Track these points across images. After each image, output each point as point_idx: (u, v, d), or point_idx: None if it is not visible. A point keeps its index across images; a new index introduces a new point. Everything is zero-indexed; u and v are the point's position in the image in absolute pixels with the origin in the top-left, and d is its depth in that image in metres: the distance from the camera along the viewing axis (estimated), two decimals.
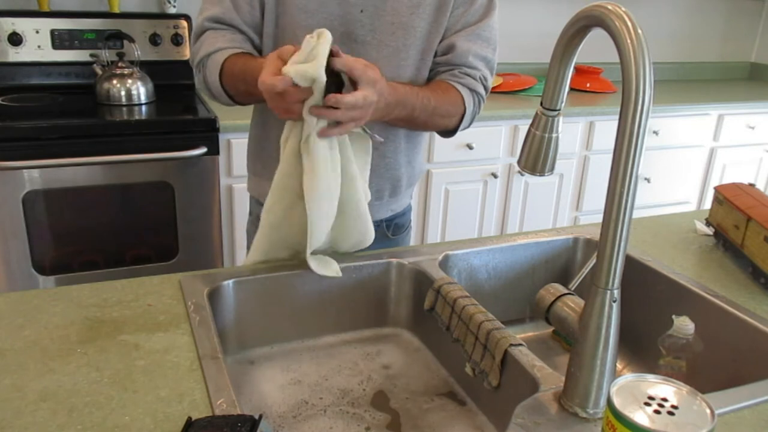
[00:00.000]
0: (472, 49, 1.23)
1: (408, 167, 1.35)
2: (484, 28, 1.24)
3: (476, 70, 1.25)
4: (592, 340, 0.75)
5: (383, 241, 1.39)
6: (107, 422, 0.72)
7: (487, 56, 1.26)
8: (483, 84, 1.27)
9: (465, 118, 1.26)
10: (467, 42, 1.23)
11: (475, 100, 1.26)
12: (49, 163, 1.91)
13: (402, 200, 1.40)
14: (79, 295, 0.98)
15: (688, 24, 3.50)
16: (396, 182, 1.34)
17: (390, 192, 1.34)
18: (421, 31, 1.20)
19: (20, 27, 2.25)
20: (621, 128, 0.68)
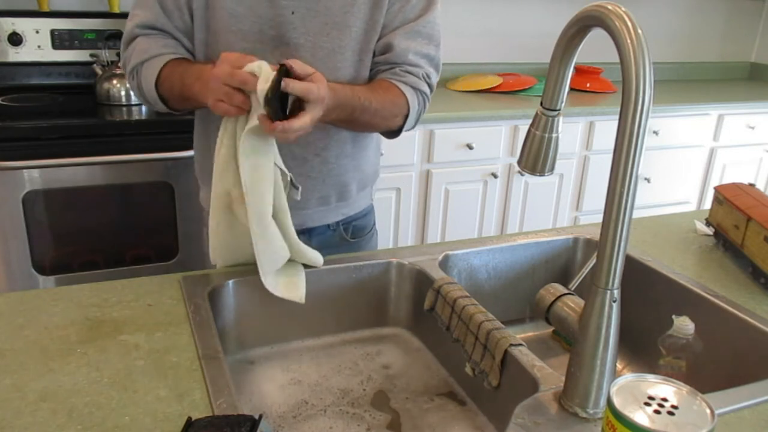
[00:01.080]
0: (412, 47, 1.19)
1: (356, 171, 1.31)
2: (423, 25, 1.20)
3: (418, 68, 1.21)
4: (592, 340, 0.75)
5: (343, 244, 1.36)
6: (107, 422, 0.72)
7: (430, 53, 1.22)
8: (427, 82, 1.23)
9: (410, 118, 1.22)
10: (406, 40, 1.19)
11: (419, 99, 1.22)
12: (49, 163, 1.91)
13: (356, 203, 1.36)
14: (79, 295, 0.98)
15: (688, 24, 3.50)
16: (343, 187, 1.30)
17: (337, 197, 1.30)
18: (356, 31, 1.17)
19: (20, 27, 2.25)
20: (621, 128, 0.68)
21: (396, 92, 1.19)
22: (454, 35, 2.99)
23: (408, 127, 1.25)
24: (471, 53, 3.05)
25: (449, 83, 2.96)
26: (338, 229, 1.35)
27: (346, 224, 1.36)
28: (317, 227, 1.32)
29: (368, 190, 1.40)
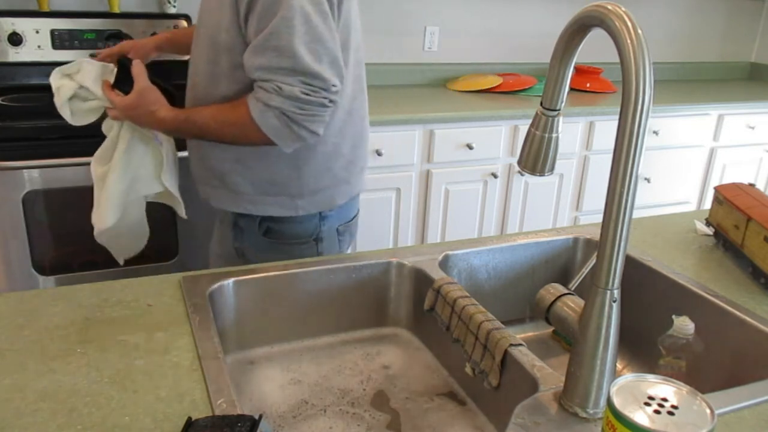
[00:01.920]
0: (257, 63, 1.18)
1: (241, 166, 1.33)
2: (267, 39, 1.16)
3: (267, 82, 1.18)
4: (592, 340, 0.75)
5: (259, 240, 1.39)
6: (107, 422, 0.72)
7: (282, 65, 1.17)
8: (280, 94, 1.17)
9: (272, 135, 1.20)
10: (252, 57, 1.19)
11: (275, 114, 1.18)
12: (49, 163, 1.91)
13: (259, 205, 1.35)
14: (79, 295, 0.98)
15: (688, 24, 3.50)
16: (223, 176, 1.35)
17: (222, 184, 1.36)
18: (224, 46, 1.24)
19: (20, 27, 2.25)
20: (621, 128, 0.68)
21: (243, 111, 1.21)
22: (454, 35, 2.99)
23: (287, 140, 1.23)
24: (471, 53, 3.05)
25: (449, 83, 2.96)
26: (255, 220, 1.38)
27: (263, 220, 1.38)
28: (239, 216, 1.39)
29: (286, 202, 1.35)
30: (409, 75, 2.96)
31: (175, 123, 1.29)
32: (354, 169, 1.41)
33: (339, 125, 1.33)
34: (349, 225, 1.49)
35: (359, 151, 1.42)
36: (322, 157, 1.34)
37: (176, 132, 1.35)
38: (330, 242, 1.43)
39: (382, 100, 2.55)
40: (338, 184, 1.39)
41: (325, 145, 1.32)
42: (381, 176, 2.35)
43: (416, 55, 2.96)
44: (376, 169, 2.34)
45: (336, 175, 1.37)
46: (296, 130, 1.20)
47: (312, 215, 1.39)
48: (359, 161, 1.43)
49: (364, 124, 1.42)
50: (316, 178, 1.35)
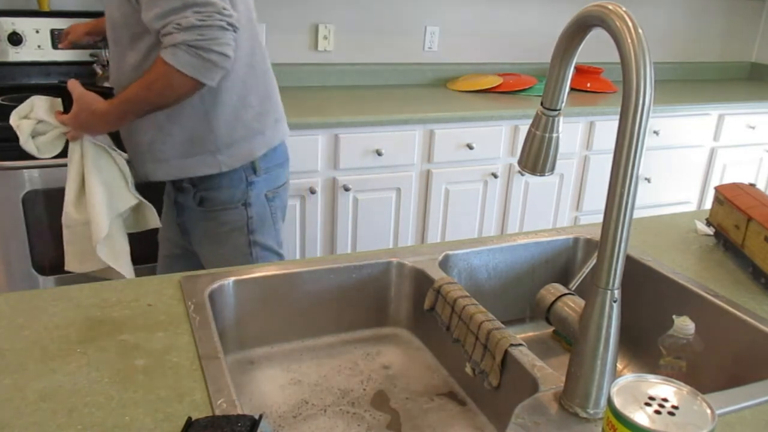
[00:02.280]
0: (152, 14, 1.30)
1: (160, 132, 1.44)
2: None
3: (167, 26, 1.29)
4: (593, 340, 0.75)
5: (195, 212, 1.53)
6: (107, 422, 0.72)
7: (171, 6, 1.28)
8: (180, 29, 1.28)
9: (189, 71, 1.29)
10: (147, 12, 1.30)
11: (182, 49, 1.28)
12: (49, 163, 1.91)
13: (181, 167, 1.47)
14: (79, 295, 0.98)
15: (688, 24, 3.50)
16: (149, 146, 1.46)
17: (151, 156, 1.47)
18: (120, 22, 1.37)
19: (20, 27, 2.25)
20: (621, 128, 0.68)
21: (157, 65, 1.31)
22: (454, 35, 2.99)
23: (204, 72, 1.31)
24: (471, 53, 3.05)
25: (449, 83, 2.96)
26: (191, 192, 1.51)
27: (197, 190, 1.50)
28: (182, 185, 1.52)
29: (208, 159, 1.46)
30: (409, 75, 2.96)
31: (115, 110, 1.39)
32: (267, 120, 1.52)
33: (242, 77, 1.44)
34: (279, 192, 1.59)
35: (269, 103, 1.53)
36: (230, 109, 1.45)
37: (121, 119, 1.42)
38: (260, 208, 1.54)
39: (382, 100, 2.55)
40: (253, 135, 1.49)
41: (230, 97, 1.44)
42: (381, 176, 2.35)
43: (416, 55, 2.96)
44: (376, 169, 2.34)
45: (248, 126, 1.48)
46: (207, 56, 1.29)
47: (237, 180, 1.50)
48: (271, 112, 1.54)
49: (268, 78, 1.54)
50: (228, 130, 1.46)
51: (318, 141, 2.22)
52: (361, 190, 2.34)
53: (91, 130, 1.44)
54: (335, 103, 2.46)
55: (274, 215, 1.58)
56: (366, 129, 2.27)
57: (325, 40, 2.75)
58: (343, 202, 2.33)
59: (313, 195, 2.27)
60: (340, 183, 2.29)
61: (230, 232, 1.53)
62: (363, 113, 2.27)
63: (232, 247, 1.54)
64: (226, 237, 1.54)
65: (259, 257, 1.57)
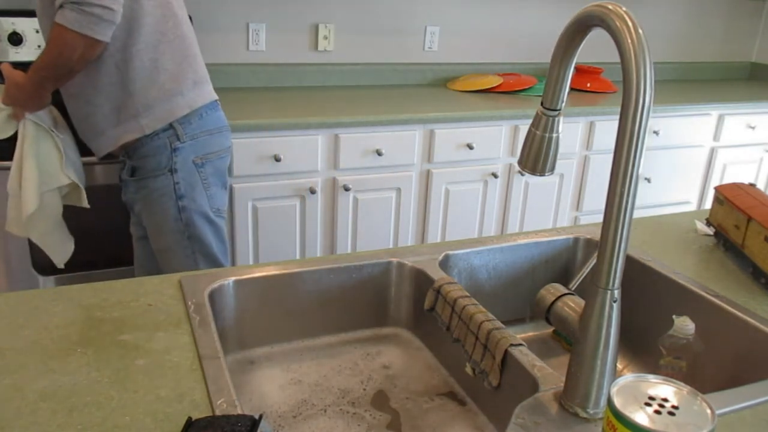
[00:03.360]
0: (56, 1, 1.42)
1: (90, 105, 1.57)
2: None
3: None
4: (593, 340, 0.75)
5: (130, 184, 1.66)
6: (107, 422, 0.72)
7: None
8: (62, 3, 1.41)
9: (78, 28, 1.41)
10: None
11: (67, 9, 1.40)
12: None
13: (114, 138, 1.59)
14: (79, 295, 0.98)
15: (688, 24, 3.50)
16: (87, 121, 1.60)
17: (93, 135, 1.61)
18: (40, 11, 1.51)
19: (20, 27, 2.25)
20: (621, 128, 0.68)
21: (52, 31, 1.44)
22: (454, 35, 2.99)
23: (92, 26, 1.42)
24: (471, 53, 3.05)
25: (449, 83, 2.96)
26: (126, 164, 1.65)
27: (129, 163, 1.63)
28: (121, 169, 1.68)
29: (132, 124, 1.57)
30: (409, 75, 2.96)
31: (30, 80, 1.51)
32: (184, 81, 1.61)
33: (152, 43, 1.55)
34: (210, 159, 1.67)
35: (186, 66, 1.62)
36: (143, 72, 1.55)
37: (39, 88, 1.53)
38: (186, 174, 1.62)
39: (382, 100, 2.55)
40: (171, 97, 1.58)
41: (143, 62, 1.54)
42: (381, 176, 2.35)
43: (416, 55, 2.96)
44: (376, 169, 2.34)
45: (164, 88, 1.58)
46: (90, 11, 1.41)
47: (162, 147, 1.59)
48: (189, 75, 1.62)
49: (186, 43, 1.63)
50: (145, 92, 1.56)
51: (318, 141, 2.22)
52: (361, 190, 2.34)
53: (22, 104, 1.56)
54: (335, 103, 2.46)
55: (205, 181, 1.66)
56: (366, 129, 2.27)
57: (325, 40, 2.75)
58: (343, 202, 2.33)
59: (313, 195, 2.27)
60: (340, 183, 2.29)
61: (159, 197, 1.63)
62: (363, 113, 2.27)
63: (163, 213, 1.64)
64: (156, 203, 1.64)
65: (190, 222, 1.65)
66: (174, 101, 1.58)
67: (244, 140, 2.12)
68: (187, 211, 1.64)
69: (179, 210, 1.63)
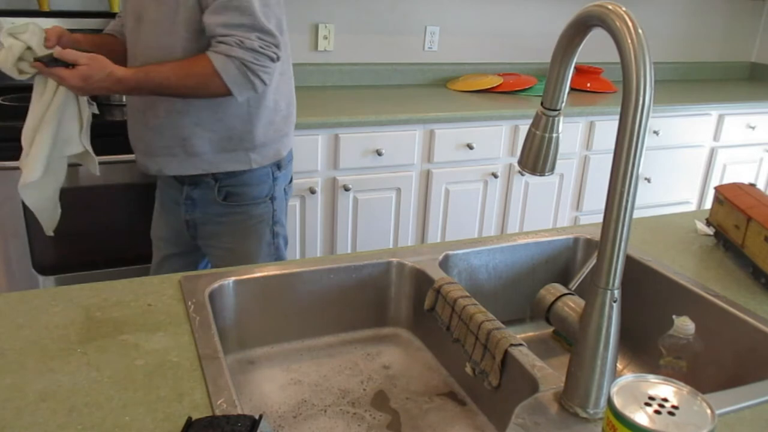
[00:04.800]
0: (219, 21, 1.36)
1: (200, 129, 1.48)
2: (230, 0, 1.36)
3: (229, 36, 1.36)
4: (593, 340, 0.75)
5: (214, 205, 1.57)
6: (107, 422, 0.72)
7: (243, 22, 1.36)
8: (241, 46, 1.36)
9: (229, 83, 1.37)
10: (214, 16, 1.37)
11: (235, 64, 1.36)
12: None
13: (215, 162, 1.52)
14: (79, 295, 0.98)
15: (688, 24, 3.50)
16: (186, 142, 1.49)
17: (183, 150, 1.50)
18: (169, 6, 1.40)
19: None
20: (621, 128, 0.68)
21: (204, 63, 1.37)
22: (454, 35, 2.99)
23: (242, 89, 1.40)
24: (471, 53, 3.05)
25: (449, 83, 2.96)
26: (214, 187, 1.55)
27: (221, 186, 1.55)
28: (199, 180, 1.55)
29: (241, 156, 1.53)
30: (409, 75, 2.96)
31: (134, 79, 1.38)
32: (291, 123, 1.63)
33: (276, 84, 1.54)
34: (291, 186, 1.72)
35: (292, 108, 1.64)
36: (266, 112, 1.54)
37: (134, 89, 1.42)
38: (280, 202, 1.65)
39: (382, 100, 2.55)
40: (281, 137, 1.59)
41: (267, 101, 1.53)
42: (381, 176, 2.35)
43: (416, 55, 2.96)
44: (376, 169, 2.34)
45: (278, 129, 1.58)
46: (251, 79, 1.39)
47: (265, 176, 1.58)
48: (293, 117, 1.65)
49: (291, 85, 1.63)
50: (264, 131, 1.54)
51: (318, 141, 2.22)
52: (361, 190, 2.34)
53: (95, 90, 1.40)
54: (335, 103, 2.46)
55: (287, 207, 1.70)
56: (366, 129, 2.27)
57: (325, 40, 2.75)
58: (343, 202, 2.33)
59: (313, 195, 2.27)
60: (340, 183, 2.29)
61: (257, 224, 1.60)
62: (363, 113, 2.27)
63: (258, 240, 1.61)
64: (253, 230, 1.60)
65: (279, 246, 1.66)
66: (282, 142, 1.59)
67: None
68: (278, 237, 1.65)
69: (273, 236, 1.63)
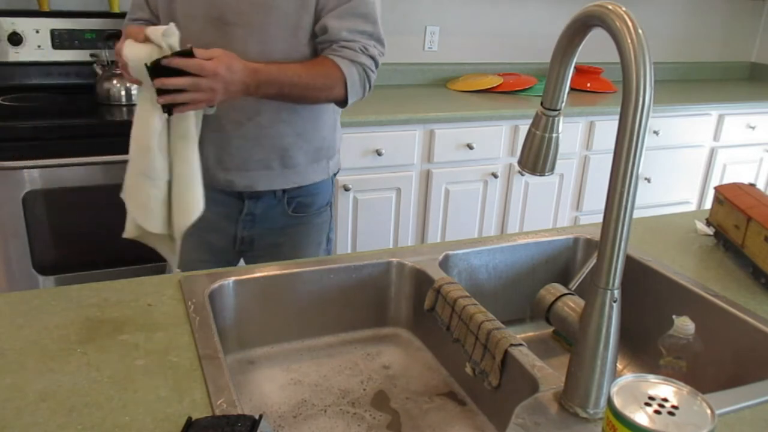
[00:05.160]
0: (345, 26, 1.31)
1: (300, 139, 1.41)
2: (357, 5, 1.31)
3: (354, 42, 1.32)
4: (593, 340, 0.75)
5: (282, 218, 1.47)
6: (107, 422, 0.72)
7: (366, 29, 1.34)
8: (365, 53, 1.33)
9: (350, 88, 1.32)
10: (339, 21, 1.31)
11: (358, 69, 1.32)
12: (49, 163, 1.91)
13: (307, 174, 1.45)
14: (79, 295, 0.98)
15: (688, 24, 3.50)
16: (284, 152, 1.40)
17: (280, 162, 1.41)
18: (284, 10, 1.29)
19: (20, 27, 2.25)
20: (621, 128, 0.68)
21: (330, 65, 1.30)
22: (454, 35, 2.99)
23: (355, 96, 1.36)
24: (471, 53, 3.05)
25: (449, 83, 2.96)
26: (282, 200, 1.45)
27: (291, 197, 1.46)
28: (264, 194, 1.44)
29: (323, 165, 1.49)
30: (409, 75, 2.96)
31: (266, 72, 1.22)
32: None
33: None
34: None
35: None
36: (338, 119, 1.52)
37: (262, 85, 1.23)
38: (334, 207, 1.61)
39: (382, 100, 2.55)
40: (340, 147, 1.57)
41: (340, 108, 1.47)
42: (381, 176, 2.35)
43: (416, 55, 2.96)
44: (376, 169, 2.34)
45: (341, 138, 1.57)
46: (365, 85, 1.37)
47: (330, 183, 1.55)
48: None
49: None
50: (339, 138, 1.54)
51: None
52: (361, 190, 2.34)
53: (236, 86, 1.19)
54: None
55: None
56: (366, 129, 2.27)
57: None
58: (343, 202, 2.33)
59: None
60: (340, 183, 2.29)
61: (318, 233, 1.56)
62: (363, 113, 2.27)
63: (316, 247, 1.57)
64: (313, 238, 1.55)
65: (331, 251, 1.64)
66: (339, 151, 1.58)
67: None
68: (330, 243, 1.62)
69: (328, 242, 1.60)
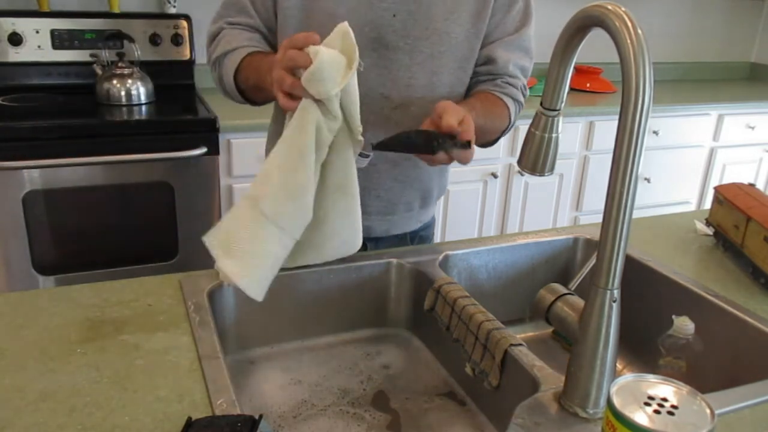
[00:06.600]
0: (512, 59, 1.22)
1: (440, 177, 1.35)
2: (523, 38, 1.23)
3: (517, 79, 1.25)
4: (592, 340, 0.75)
5: None
6: (107, 422, 0.72)
7: (525, 66, 1.26)
8: (523, 93, 1.27)
9: (510, 127, 1.27)
10: (507, 52, 1.22)
11: (517, 109, 1.26)
12: (49, 163, 1.91)
13: (430, 211, 1.42)
14: (79, 295, 0.98)
15: (688, 24, 3.50)
16: (427, 193, 1.34)
17: (420, 203, 1.34)
18: (456, 38, 1.17)
19: (20, 27, 2.25)
20: (621, 128, 0.68)
21: (501, 106, 1.22)
22: None
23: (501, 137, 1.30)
24: None
25: None
26: (405, 238, 1.36)
27: (414, 234, 1.38)
28: (385, 238, 1.33)
29: (440, 198, 1.44)
30: None
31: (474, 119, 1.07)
32: None
33: None
34: None
35: None
36: None
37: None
38: None
39: None
40: None
41: None
42: None
43: None
44: None
45: None
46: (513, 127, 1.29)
47: None
48: None
49: None
50: None
51: None
52: None
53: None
54: None
55: None
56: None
57: None
58: None
59: None
60: None
61: None
62: None
63: None
64: None
65: None
66: None
67: (244, 141, 2.12)
68: None
69: None
